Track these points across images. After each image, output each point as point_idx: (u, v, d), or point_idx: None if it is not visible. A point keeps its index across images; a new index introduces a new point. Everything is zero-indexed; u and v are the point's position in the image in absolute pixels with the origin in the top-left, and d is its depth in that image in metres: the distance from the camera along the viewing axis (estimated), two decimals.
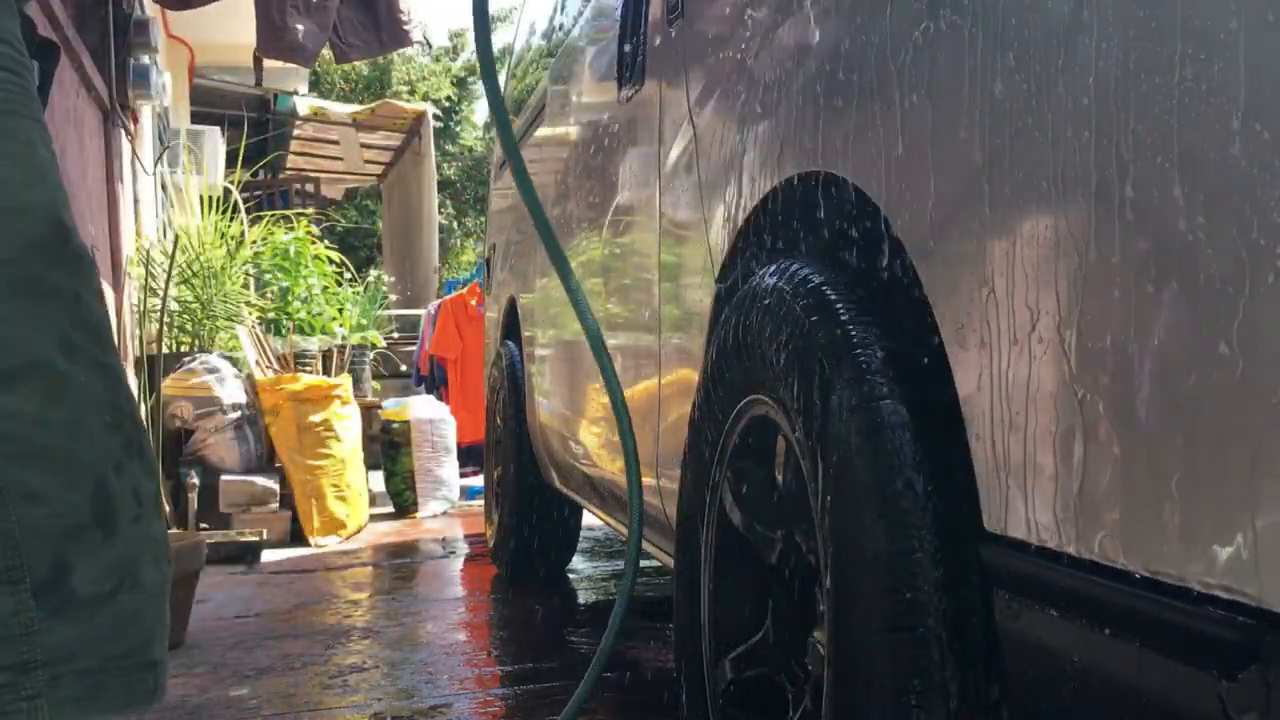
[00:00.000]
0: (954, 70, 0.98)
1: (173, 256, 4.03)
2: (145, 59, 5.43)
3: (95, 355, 0.75)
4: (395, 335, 9.03)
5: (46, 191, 0.74)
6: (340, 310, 6.49)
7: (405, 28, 5.60)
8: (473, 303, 7.19)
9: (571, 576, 3.84)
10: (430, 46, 20.23)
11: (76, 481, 0.73)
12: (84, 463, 0.73)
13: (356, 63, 17.10)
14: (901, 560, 0.99)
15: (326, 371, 5.24)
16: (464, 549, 4.55)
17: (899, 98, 1.07)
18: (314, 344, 5.60)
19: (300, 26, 5.56)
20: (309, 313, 6.11)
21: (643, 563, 3.99)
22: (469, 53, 22.18)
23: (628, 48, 2.13)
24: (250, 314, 5.50)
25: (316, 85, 17.74)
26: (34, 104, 0.78)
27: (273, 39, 5.64)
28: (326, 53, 5.91)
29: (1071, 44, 0.82)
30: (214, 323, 5.34)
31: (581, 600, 3.56)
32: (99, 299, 0.79)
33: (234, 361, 4.90)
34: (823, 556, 1.12)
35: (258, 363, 4.94)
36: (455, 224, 21.87)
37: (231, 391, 4.62)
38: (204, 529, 4.34)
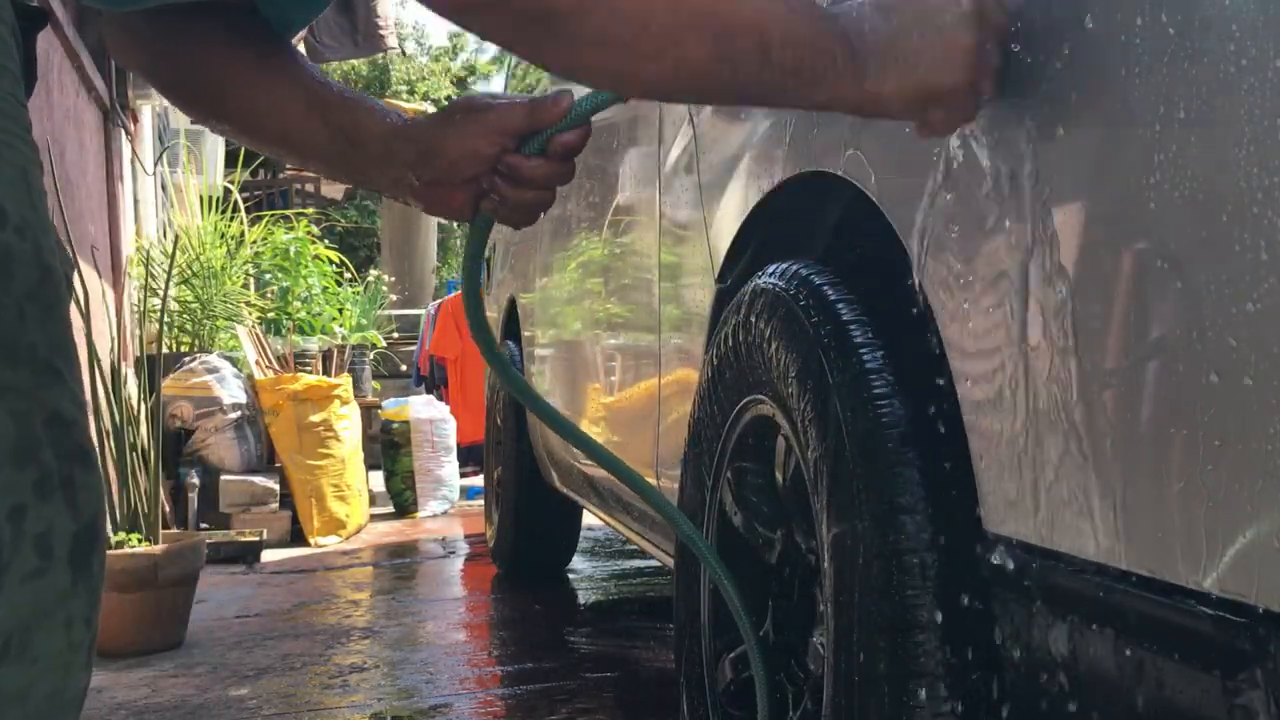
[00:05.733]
0: None
1: (173, 256, 4.03)
2: None
3: None
4: (395, 335, 9.03)
5: None
6: (340, 310, 6.49)
7: (381, 33, 5.63)
8: None
9: (571, 576, 3.84)
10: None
11: None
12: None
13: (356, 62, 17.13)
14: (901, 560, 0.99)
15: (326, 371, 5.24)
16: (464, 549, 4.55)
17: None
18: (314, 344, 5.60)
19: None
20: (309, 313, 6.10)
21: (642, 563, 3.99)
22: (468, 52, 22.23)
23: None
24: (250, 314, 5.50)
25: None
26: None
27: None
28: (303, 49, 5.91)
29: (1059, 40, 0.82)
30: (214, 323, 5.34)
31: (581, 600, 3.56)
32: (34, 303, 0.63)
33: (234, 361, 4.90)
34: (822, 556, 1.12)
35: (258, 363, 4.94)
36: (455, 223, 21.87)
37: (231, 391, 4.62)
38: (204, 529, 4.34)
